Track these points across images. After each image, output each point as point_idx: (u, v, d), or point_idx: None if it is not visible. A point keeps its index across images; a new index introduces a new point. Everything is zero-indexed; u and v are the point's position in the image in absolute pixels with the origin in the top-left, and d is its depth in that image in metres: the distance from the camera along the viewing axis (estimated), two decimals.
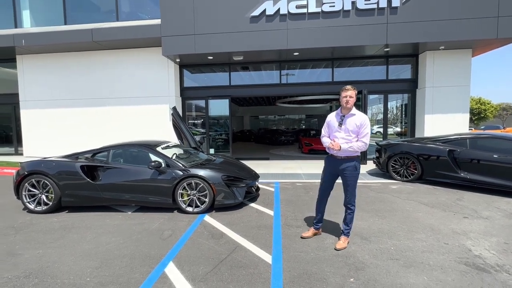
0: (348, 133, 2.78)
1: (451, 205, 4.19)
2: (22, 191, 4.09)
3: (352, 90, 2.76)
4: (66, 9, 9.32)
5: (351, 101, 2.76)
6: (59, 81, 9.36)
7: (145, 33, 8.02)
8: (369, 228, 3.37)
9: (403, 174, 5.77)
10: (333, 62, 8.92)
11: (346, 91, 2.76)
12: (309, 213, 3.89)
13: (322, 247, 2.88)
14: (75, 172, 4.07)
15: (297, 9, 7.26)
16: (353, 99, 2.77)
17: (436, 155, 5.33)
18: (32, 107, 9.58)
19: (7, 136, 10.79)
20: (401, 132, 9.71)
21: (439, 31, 7.02)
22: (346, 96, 2.75)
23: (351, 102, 2.77)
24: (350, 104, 2.77)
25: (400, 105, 9.80)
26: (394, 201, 4.45)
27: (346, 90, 2.77)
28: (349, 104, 2.77)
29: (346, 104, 2.77)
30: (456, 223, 3.48)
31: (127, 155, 4.47)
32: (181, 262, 2.61)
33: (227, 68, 9.27)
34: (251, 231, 3.34)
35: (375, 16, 7.13)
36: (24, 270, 2.52)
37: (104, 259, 2.69)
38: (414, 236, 3.13)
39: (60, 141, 9.44)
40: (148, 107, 8.95)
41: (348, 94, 2.75)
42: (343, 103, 2.79)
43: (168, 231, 3.36)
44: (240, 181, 4.25)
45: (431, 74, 8.08)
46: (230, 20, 7.51)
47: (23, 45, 8.45)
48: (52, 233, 3.37)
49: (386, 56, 8.56)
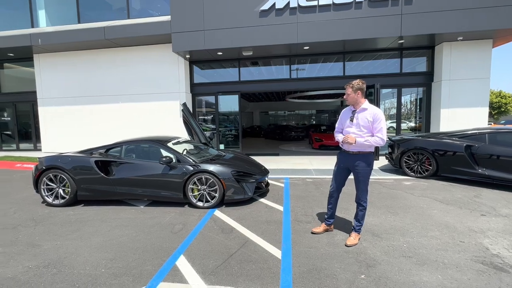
0: (359, 129, 2.73)
1: (467, 202, 4.05)
2: (40, 185, 4.26)
3: (347, 87, 2.80)
4: (79, 7, 9.52)
5: (348, 98, 2.80)
6: (74, 79, 9.62)
7: (155, 30, 8.09)
8: (381, 224, 3.30)
9: (417, 170, 5.61)
10: (345, 55, 8.72)
11: (345, 89, 2.85)
12: (319, 209, 3.86)
13: (333, 243, 2.85)
14: (90, 167, 4.20)
15: (308, 2, 7.11)
16: (350, 96, 2.77)
17: (452, 151, 5.15)
18: (49, 105, 9.91)
19: (26, 132, 11.24)
20: (415, 127, 9.43)
21: (457, 21, 6.72)
22: (345, 94, 2.85)
23: (348, 98, 2.80)
24: (348, 101, 2.81)
25: (414, 99, 9.50)
26: (407, 197, 4.35)
27: (345, 89, 2.85)
28: (348, 101, 2.82)
29: (347, 101, 2.82)
30: (473, 221, 3.36)
31: (139, 151, 4.57)
32: (192, 256, 2.66)
33: (236, 64, 9.24)
34: (260, 226, 3.35)
35: (389, 7, 6.90)
36: (43, 260, 2.63)
37: (118, 251, 2.78)
38: (428, 233, 3.04)
39: (76, 137, 9.75)
40: (159, 104, 9.07)
41: (345, 92, 2.83)
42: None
43: (179, 225, 3.42)
44: (250, 176, 4.26)
45: (448, 67, 7.77)
46: (239, 15, 7.45)
47: (40, 44, 8.72)
48: (69, 225, 3.50)
49: (400, 48, 8.28)
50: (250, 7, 7.37)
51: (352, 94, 2.75)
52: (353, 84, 2.74)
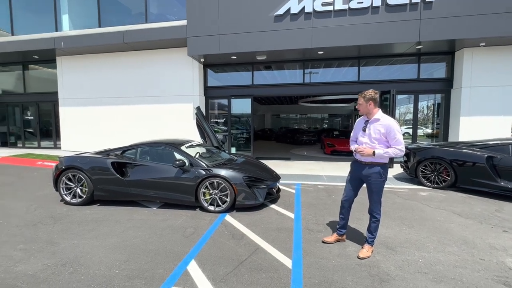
0: (371, 140, 2.68)
1: (488, 217, 3.87)
2: (60, 184, 4.43)
3: (359, 97, 2.75)
4: (100, 12, 9.89)
5: (359, 108, 2.77)
6: (93, 81, 9.99)
7: (171, 34, 8.28)
8: (395, 237, 3.21)
9: (433, 181, 5.42)
10: (360, 60, 8.59)
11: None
12: (331, 218, 3.80)
13: (344, 255, 2.80)
14: (107, 168, 4.33)
15: (323, 7, 7.07)
16: (362, 106, 2.73)
17: (472, 162, 4.94)
18: (69, 105, 10.33)
19: (47, 131, 11.74)
20: (432, 134, 9.13)
21: (480, 26, 6.47)
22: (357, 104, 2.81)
23: (360, 108, 2.76)
24: (360, 111, 2.78)
25: (431, 104, 9.20)
26: (424, 209, 4.21)
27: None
28: (360, 111, 2.78)
29: (359, 111, 2.78)
30: (494, 237, 3.21)
31: (154, 153, 4.66)
32: (203, 261, 2.68)
33: (250, 68, 9.29)
34: (271, 233, 3.33)
35: (407, 11, 6.74)
36: (61, 259, 2.73)
37: (131, 253, 2.84)
38: (445, 249, 2.93)
39: (93, 136, 10.10)
40: (173, 106, 9.25)
41: (358, 101, 2.79)
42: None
43: (190, 229, 3.46)
44: (261, 182, 4.25)
45: (469, 73, 7.49)
46: (254, 20, 7.50)
47: (62, 47, 9.12)
48: (85, 224, 3.62)
49: (418, 53, 8.07)
50: (265, 12, 7.41)
51: (364, 104, 2.70)
52: (365, 94, 2.69)
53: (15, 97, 11.79)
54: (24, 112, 11.84)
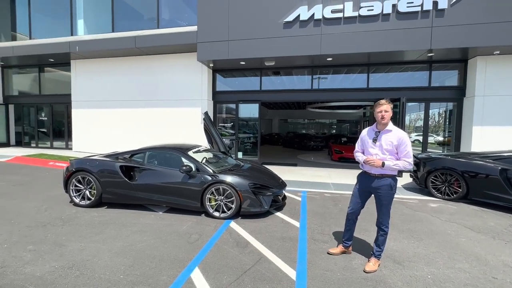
0: (383, 151, 2.62)
1: (501, 232, 3.73)
2: (69, 186, 4.53)
3: (387, 104, 2.59)
4: (114, 17, 10.17)
5: (386, 115, 2.59)
6: (105, 84, 10.24)
7: (182, 39, 8.43)
8: (403, 251, 3.13)
9: (444, 192, 5.28)
10: (369, 67, 8.52)
11: (380, 105, 2.61)
12: (337, 228, 3.74)
13: (350, 268, 2.75)
14: (115, 172, 4.40)
15: (333, 14, 7.07)
16: (389, 114, 2.60)
17: (485, 174, 4.79)
18: (81, 107, 10.61)
19: (60, 131, 12.08)
20: (444, 142, 8.92)
21: (494, 34, 6.33)
22: (381, 111, 2.60)
23: (386, 116, 2.59)
24: (386, 119, 2.60)
25: (443, 111, 9.00)
26: (433, 221, 4.10)
27: (380, 105, 2.61)
28: (385, 119, 2.60)
29: (382, 119, 2.61)
30: (508, 254, 3.09)
31: (161, 158, 4.71)
32: (207, 269, 2.67)
33: (258, 73, 9.34)
34: (276, 242, 3.30)
35: (418, 19, 6.67)
36: (68, 261, 2.77)
37: (136, 258, 2.86)
38: (455, 265, 2.84)
39: (103, 138, 10.31)
40: (182, 110, 9.37)
41: (383, 108, 2.59)
42: (378, 118, 2.64)
43: (195, 235, 3.46)
44: (267, 189, 4.24)
45: (482, 82, 7.32)
46: (263, 26, 7.56)
47: (77, 51, 9.39)
48: (93, 227, 3.68)
49: (429, 61, 7.94)
50: (275, 19, 7.46)
51: (390, 112, 2.60)
52: (390, 103, 2.60)
53: (31, 99, 12.20)
54: (38, 113, 12.22)
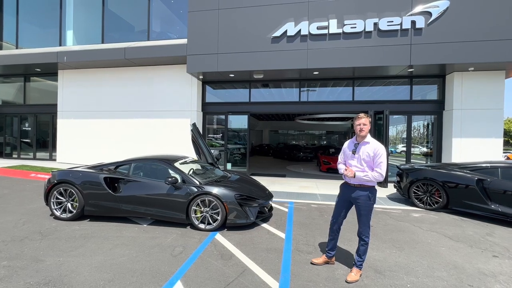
0: (360, 162, 2.74)
1: (479, 241, 3.87)
2: (50, 198, 4.40)
3: (366, 118, 2.75)
4: (104, 29, 10.23)
5: (365, 128, 2.74)
6: (93, 94, 10.14)
7: (171, 52, 8.53)
8: (385, 260, 3.19)
9: (426, 202, 5.44)
10: (354, 81, 8.84)
11: (359, 119, 2.76)
12: (322, 239, 3.78)
13: (332, 278, 2.77)
14: (99, 183, 4.32)
15: (318, 30, 7.37)
16: (367, 127, 2.75)
17: (463, 184, 4.99)
18: (68, 117, 10.41)
19: (44, 142, 11.75)
20: (427, 153, 9.23)
21: (468, 52, 6.75)
22: (360, 124, 2.75)
23: (365, 129, 2.74)
24: (364, 131, 2.75)
25: (427, 123, 9.37)
26: (415, 231, 4.20)
27: (359, 118, 2.76)
28: (363, 132, 2.75)
29: (360, 132, 2.76)
30: (484, 262, 3.20)
31: (147, 169, 4.67)
32: (189, 282, 2.64)
33: (247, 85, 9.51)
34: (260, 254, 3.30)
35: (398, 37, 7.05)
36: (44, 277, 2.68)
37: (117, 272, 2.79)
38: (434, 273, 2.91)
39: (90, 149, 10.10)
40: (172, 121, 9.36)
41: (362, 122, 2.74)
42: (357, 131, 2.78)
43: (179, 248, 3.42)
44: (253, 200, 4.25)
45: (459, 96, 7.71)
46: (252, 40, 7.78)
47: (65, 61, 9.33)
48: (73, 241, 3.57)
49: (410, 76, 8.34)
50: (263, 34, 7.70)
51: (369, 125, 2.74)
52: (369, 116, 2.75)
53: (15, 108, 11.90)
54: (22, 123, 11.89)
